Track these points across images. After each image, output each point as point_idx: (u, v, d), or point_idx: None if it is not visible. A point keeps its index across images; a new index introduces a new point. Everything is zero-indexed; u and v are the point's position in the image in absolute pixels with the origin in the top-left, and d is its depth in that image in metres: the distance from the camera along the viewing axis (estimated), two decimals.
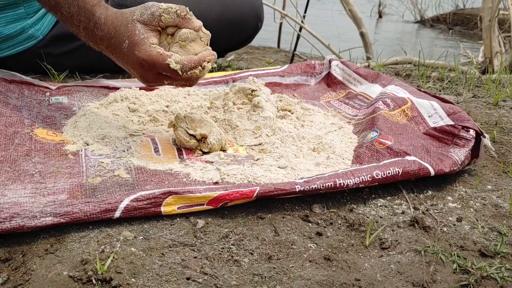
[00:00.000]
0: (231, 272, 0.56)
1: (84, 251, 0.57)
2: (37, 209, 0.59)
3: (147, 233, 0.61)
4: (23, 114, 0.86)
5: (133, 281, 0.53)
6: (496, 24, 2.19)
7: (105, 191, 0.66)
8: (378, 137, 0.83)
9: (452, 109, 0.89)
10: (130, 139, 0.82)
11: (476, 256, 0.62)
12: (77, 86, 1.02)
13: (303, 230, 0.65)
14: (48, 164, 0.72)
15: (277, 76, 1.15)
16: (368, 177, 0.71)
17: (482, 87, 1.37)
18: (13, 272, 0.54)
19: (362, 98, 1.05)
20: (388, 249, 0.63)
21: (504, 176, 0.84)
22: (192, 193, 0.64)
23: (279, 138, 0.85)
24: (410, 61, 2.07)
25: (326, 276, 0.57)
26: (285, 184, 0.67)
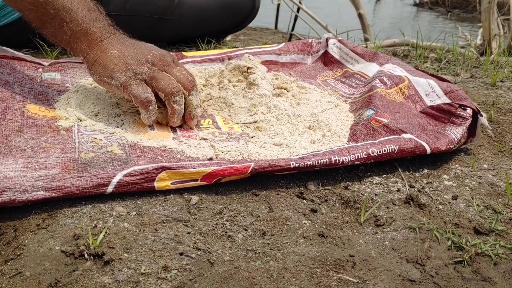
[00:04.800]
0: (225, 247, 0.56)
1: (77, 226, 0.57)
2: (29, 183, 0.58)
3: (140, 209, 0.61)
4: (15, 89, 0.84)
5: (125, 256, 0.53)
6: (495, 6, 2.17)
7: (98, 166, 0.65)
8: (374, 115, 0.82)
9: (449, 87, 0.88)
10: (123, 116, 0.81)
11: (471, 234, 0.62)
12: (70, 62, 1.00)
13: (297, 207, 0.65)
14: (40, 140, 0.71)
15: (273, 55, 1.14)
16: (364, 154, 0.71)
17: (480, 68, 1.36)
18: (5, 247, 0.54)
19: (359, 77, 1.04)
20: (382, 226, 0.62)
21: (500, 155, 0.83)
22: (186, 169, 0.64)
23: (274, 116, 0.84)
24: (408, 43, 2.06)
25: (320, 252, 0.56)
26: (280, 160, 0.67)
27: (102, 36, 0.77)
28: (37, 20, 0.78)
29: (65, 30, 0.76)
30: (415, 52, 1.49)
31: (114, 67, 0.75)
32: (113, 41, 0.77)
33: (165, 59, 0.79)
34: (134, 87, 0.75)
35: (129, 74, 0.75)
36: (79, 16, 0.76)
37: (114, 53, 0.76)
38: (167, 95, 0.76)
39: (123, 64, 0.75)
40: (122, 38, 0.79)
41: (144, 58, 0.77)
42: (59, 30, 0.77)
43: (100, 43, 0.77)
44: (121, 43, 0.78)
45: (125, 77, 0.75)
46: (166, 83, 0.76)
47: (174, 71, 0.78)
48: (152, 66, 0.77)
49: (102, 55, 0.76)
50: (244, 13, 1.41)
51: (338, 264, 0.55)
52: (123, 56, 0.76)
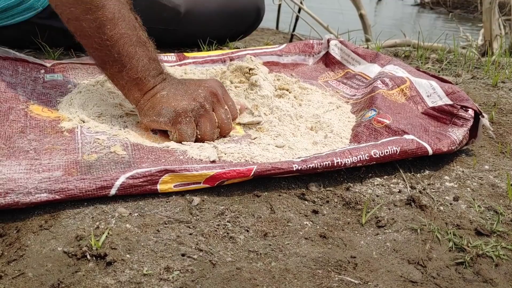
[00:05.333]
0: (227, 248, 0.56)
1: (79, 227, 0.57)
2: (32, 185, 0.59)
3: (143, 210, 0.61)
4: (17, 91, 0.85)
5: (128, 257, 0.53)
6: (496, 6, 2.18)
7: (101, 168, 0.65)
8: (376, 116, 0.83)
9: (451, 88, 0.88)
10: (126, 117, 0.82)
11: (472, 235, 0.62)
12: (72, 63, 1.01)
13: (299, 208, 0.65)
14: (43, 141, 0.71)
15: (274, 56, 1.14)
16: (366, 156, 0.71)
17: (481, 68, 1.36)
18: (7, 247, 0.54)
19: (361, 78, 1.04)
20: (384, 227, 0.63)
21: (501, 156, 0.84)
22: (188, 171, 0.64)
23: (276, 117, 0.85)
24: (409, 43, 2.06)
25: (321, 253, 0.57)
26: (282, 163, 0.67)
27: (154, 84, 0.78)
28: (99, 59, 0.79)
29: (123, 75, 0.77)
30: (416, 52, 1.49)
31: (163, 105, 0.76)
32: (163, 85, 0.78)
33: (217, 94, 0.79)
34: (184, 126, 0.75)
35: (179, 110, 0.75)
36: (139, 65, 0.77)
37: (164, 94, 0.77)
38: (203, 139, 0.77)
39: (173, 100, 0.76)
40: (173, 81, 0.80)
41: (196, 94, 0.77)
42: (118, 74, 0.78)
43: (152, 89, 0.78)
44: (171, 85, 0.78)
45: (174, 113, 0.75)
46: (208, 131, 0.77)
47: (220, 112, 0.79)
48: (205, 103, 0.77)
49: (152, 98, 0.77)
50: (248, 23, 1.41)
51: (340, 265, 0.55)
52: (173, 95, 0.77)
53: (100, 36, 0.75)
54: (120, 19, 0.75)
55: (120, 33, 0.75)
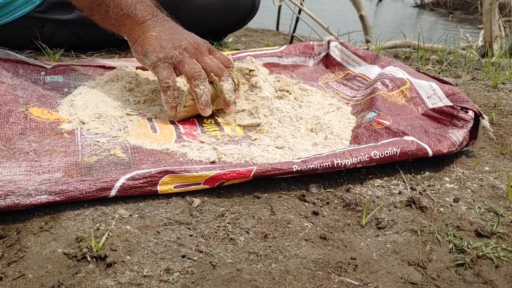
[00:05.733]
0: (227, 250, 0.56)
1: (79, 228, 0.57)
2: (32, 187, 0.59)
3: (143, 212, 0.61)
4: (17, 92, 0.85)
5: (128, 258, 0.53)
6: (496, 8, 2.18)
7: (101, 170, 0.65)
8: (376, 117, 0.83)
9: (451, 90, 0.88)
10: (126, 118, 0.82)
11: (472, 236, 0.62)
12: (72, 65, 1.01)
13: (299, 209, 0.65)
14: (43, 143, 0.71)
15: (275, 57, 1.14)
16: (366, 157, 0.71)
17: (481, 70, 1.36)
18: (8, 249, 0.54)
19: (361, 80, 1.04)
20: (384, 229, 0.63)
21: (501, 157, 0.84)
22: (188, 172, 0.64)
23: (276, 118, 0.85)
24: (409, 44, 2.06)
25: (322, 255, 0.56)
26: (282, 164, 0.67)
27: (143, 18, 0.83)
28: (86, 8, 0.85)
29: (110, 15, 0.82)
30: (416, 54, 1.49)
31: (149, 47, 0.81)
32: (154, 23, 0.83)
33: (199, 48, 0.84)
34: (160, 70, 0.81)
35: (160, 56, 0.81)
36: (122, 1, 0.82)
37: (153, 35, 0.82)
38: (188, 78, 0.80)
39: (158, 45, 0.81)
40: (164, 21, 0.84)
41: (178, 43, 0.82)
42: (106, 16, 0.83)
43: (142, 24, 0.83)
44: (162, 26, 0.83)
45: (156, 58, 0.81)
46: (189, 67, 0.80)
47: (205, 59, 0.83)
48: (184, 52, 0.81)
49: (142, 35, 0.82)
50: (244, 10, 1.42)
51: (340, 266, 0.55)
52: (160, 38, 0.82)
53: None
54: None
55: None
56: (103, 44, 1.25)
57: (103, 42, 1.24)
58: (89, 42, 1.23)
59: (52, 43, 1.19)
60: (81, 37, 1.21)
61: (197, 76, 0.80)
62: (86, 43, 1.23)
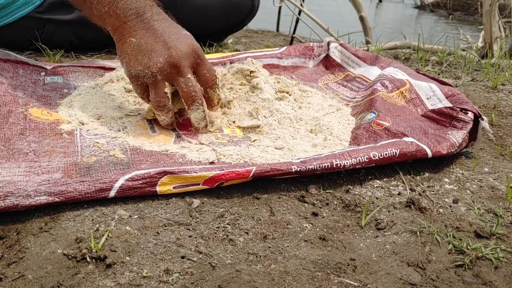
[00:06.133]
0: (226, 251, 0.56)
1: (79, 229, 0.57)
2: (32, 188, 0.59)
3: (142, 212, 0.61)
4: (17, 93, 0.85)
5: (127, 259, 0.53)
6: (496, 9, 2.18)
7: (100, 170, 0.65)
8: (376, 119, 0.83)
9: (450, 91, 0.88)
10: (125, 119, 0.82)
11: (472, 237, 0.62)
12: (72, 66, 1.01)
13: (298, 210, 0.65)
14: (42, 143, 0.72)
15: (275, 58, 1.14)
16: (365, 158, 0.71)
17: (481, 71, 1.36)
18: (7, 249, 0.54)
19: (361, 81, 1.04)
20: (383, 230, 0.63)
21: (501, 158, 0.84)
22: (187, 173, 0.64)
23: (276, 119, 0.85)
24: (409, 45, 2.06)
25: (321, 256, 0.57)
26: (281, 164, 0.67)
27: (126, 18, 0.76)
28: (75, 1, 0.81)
29: (93, 11, 0.78)
30: (416, 55, 1.49)
31: (125, 57, 0.77)
32: (136, 24, 0.76)
33: (179, 65, 0.76)
34: (134, 86, 0.79)
35: (132, 73, 0.77)
36: None
37: (132, 41, 0.76)
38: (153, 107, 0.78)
39: (134, 58, 0.76)
40: (151, 21, 0.77)
41: (154, 60, 0.75)
42: (90, 12, 0.79)
43: (123, 25, 0.76)
44: (145, 29, 0.76)
45: (128, 73, 0.78)
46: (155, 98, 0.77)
47: (179, 82, 0.77)
48: (157, 74, 0.76)
49: (122, 39, 0.77)
50: (244, 11, 1.43)
51: (339, 267, 0.55)
52: (138, 49, 0.76)
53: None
54: None
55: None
56: (103, 44, 1.26)
57: (103, 43, 1.25)
58: (89, 42, 1.23)
59: (52, 43, 1.19)
60: (81, 38, 1.22)
61: (159, 108, 0.78)
62: (86, 43, 1.23)
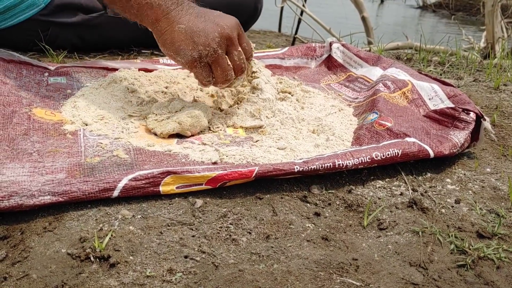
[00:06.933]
0: (229, 250, 0.56)
1: (83, 229, 0.57)
2: (36, 188, 0.59)
3: (146, 212, 0.61)
4: (21, 93, 0.85)
5: (131, 258, 0.53)
6: (499, 9, 2.18)
7: (104, 171, 0.66)
8: (378, 119, 0.83)
9: (452, 91, 0.88)
10: (129, 119, 0.82)
11: (474, 237, 0.63)
12: (75, 67, 1.01)
13: (301, 210, 0.65)
14: (46, 144, 0.72)
15: (277, 59, 1.14)
16: (368, 158, 0.71)
17: (483, 71, 1.36)
18: (12, 249, 0.54)
19: (363, 81, 1.04)
20: (386, 230, 0.63)
21: (503, 159, 0.84)
22: (190, 173, 0.64)
23: (278, 120, 0.85)
24: (411, 46, 2.06)
25: (323, 256, 0.57)
26: (284, 164, 0.67)
27: (168, 8, 0.78)
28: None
29: (132, 4, 0.78)
30: (418, 55, 1.49)
31: (180, 44, 0.77)
32: (180, 12, 0.78)
33: (231, 38, 0.80)
34: (198, 70, 0.80)
35: (195, 55, 0.78)
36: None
37: (181, 27, 0.77)
38: (218, 82, 0.82)
39: (190, 41, 0.77)
40: (190, 8, 0.80)
41: (212, 37, 0.78)
42: (127, 5, 0.79)
43: (167, 15, 0.78)
44: (189, 14, 0.79)
45: (191, 58, 0.78)
46: (222, 73, 0.81)
47: (233, 55, 0.81)
48: (218, 48, 0.78)
49: (170, 28, 0.78)
50: (247, 14, 1.43)
51: (342, 267, 0.55)
52: (191, 31, 0.77)
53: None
54: None
55: None
56: (106, 46, 1.26)
57: (107, 45, 1.25)
58: (93, 44, 1.23)
59: (55, 45, 1.19)
60: (85, 40, 1.22)
61: (226, 81, 0.83)
62: (89, 46, 1.23)
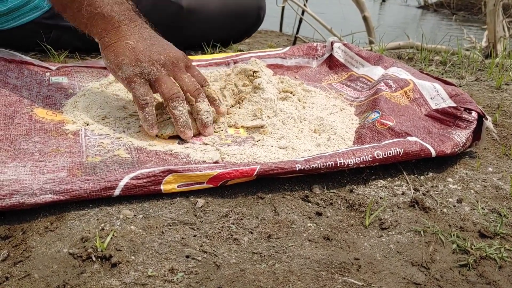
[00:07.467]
0: (231, 250, 0.56)
1: (84, 229, 0.57)
2: (37, 186, 0.59)
3: (147, 212, 0.61)
4: (22, 93, 0.85)
5: (132, 258, 0.53)
6: (500, 8, 2.17)
7: (105, 169, 0.66)
8: (379, 118, 0.83)
9: (454, 91, 0.88)
10: (130, 119, 0.82)
11: (476, 237, 0.62)
12: (77, 66, 1.01)
13: (303, 210, 0.65)
14: (48, 144, 0.72)
15: (278, 58, 1.14)
16: (369, 157, 0.71)
17: (485, 70, 1.36)
18: (13, 249, 0.54)
19: (364, 81, 1.04)
20: (387, 229, 0.63)
21: (505, 158, 0.84)
22: (192, 171, 0.64)
23: (280, 119, 0.85)
24: (413, 45, 2.06)
25: (325, 255, 0.57)
26: (285, 163, 0.67)
27: (120, 21, 0.76)
28: (58, 3, 0.79)
29: (83, 13, 0.76)
30: (420, 55, 1.49)
31: (124, 58, 0.75)
32: (131, 29, 0.77)
33: (177, 63, 0.78)
34: (137, 86, 0.75)
35: (136, 71, 0.75)
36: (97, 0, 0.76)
37: (129, 43, 0.75)
38: (166, 100, 0.76)
39: (134, 58, 0.75)
40: (142, 29, 0.78)
41: (156, 58, 0.76)
42: (78, 13, 0.77)
43: (117, 28, 0.76)
44: (139, 34, 0.77)
45: (132, 73, 0.75)
46: (167, 88, 0.75)
47: (182, 77, 0.78)
48: (161, 68, 0.76)
49: (117, 42, 0.76)
50: (249, 22, 1.43)
51: (343, 267, 0.55)
52: (137, 49, 0.75)
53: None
54: None
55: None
56: None
57: None
58: (94, 48, 1.23)
59: (57, 47, 1.19)
60: (87, 43, 1.22)
61: (175, 97, 0.75)
62: (91, 49, 1.23)
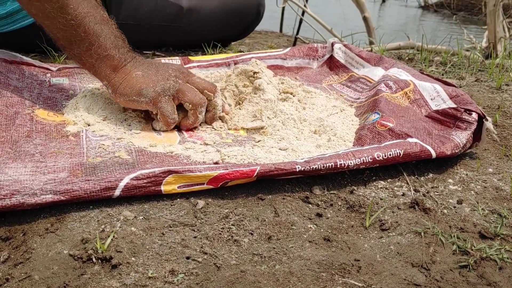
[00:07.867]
0: (231, 251, 0.56)
1: (85, 230, 0.57)
2: (37, 186, 0.59)
3: (147, 213, 0.61)
4: (24, 95, 0.85)
5: (133, 260, 0.53)
6: (500, 9, 2.17)
7: (105, 170, 0.66)
8: (380, 119, 0.83)
9: (454, 92, 0.88)
10: (130, 120, 0.82)
11: (476, 238, 0.62)
12: (78, 68, 1.01)
13: (303, 211, 0.65)
14: (49, 145, 0.72)
15: (279, 59, 1.14)
16: (369, 158, 0.71)
17: (485, 71, 1.36)
18: (14, 250, 0.55)
19: (365, 81, 1.04)
20: (388, 231, 0.63)
21: (505, 159, 0.84)
22: (192, 172, 0.64)
23: (280, 120, 0.85)
24: (413, 46, 2.06)
25: (325, 257, 0.57)
26: (285, 164, 0.67)
27: (125, 61, 0.80)
28: (64, 40, 0.80)
29: (91, 53, 0.79)
30: (420, 55, 1.49)
31: (141, 85, 0.78)
32: (135, 63, 0.81)
33: (184, 71, 0.83)
34: (164, 105, 0.78)
35: (158, 90, 0.78)
36: (107, 42, 0.79)
37: (139, 74, 0.79)
38: (194, 106, 0.80)
39: (150, 81, 0.79)
40: (142, 60, 0.82)
41: (167, 74, 0.80)
42: (86, 53, 0.79)
43: (124, 67, 0.80)
44: (142, 65, 0.81)
45: (155, 93, 0.78)
46: (193, 95, 0.80)
47: (195, 80, 0.83)
48: (177, 79, 0.80)
49: (127, 77, 0.79)
50: (249, 20, 1.44)
51: (344, 268, 0.55)
52: (148, 75, 0.80)
53: (64, 16, 0.76)
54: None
55: (84, 12, 0.77)
56: None
57: None
58: None
59: (57, 48, 1.19)
60: None
61: (203, 103, 0.81)
62: None
